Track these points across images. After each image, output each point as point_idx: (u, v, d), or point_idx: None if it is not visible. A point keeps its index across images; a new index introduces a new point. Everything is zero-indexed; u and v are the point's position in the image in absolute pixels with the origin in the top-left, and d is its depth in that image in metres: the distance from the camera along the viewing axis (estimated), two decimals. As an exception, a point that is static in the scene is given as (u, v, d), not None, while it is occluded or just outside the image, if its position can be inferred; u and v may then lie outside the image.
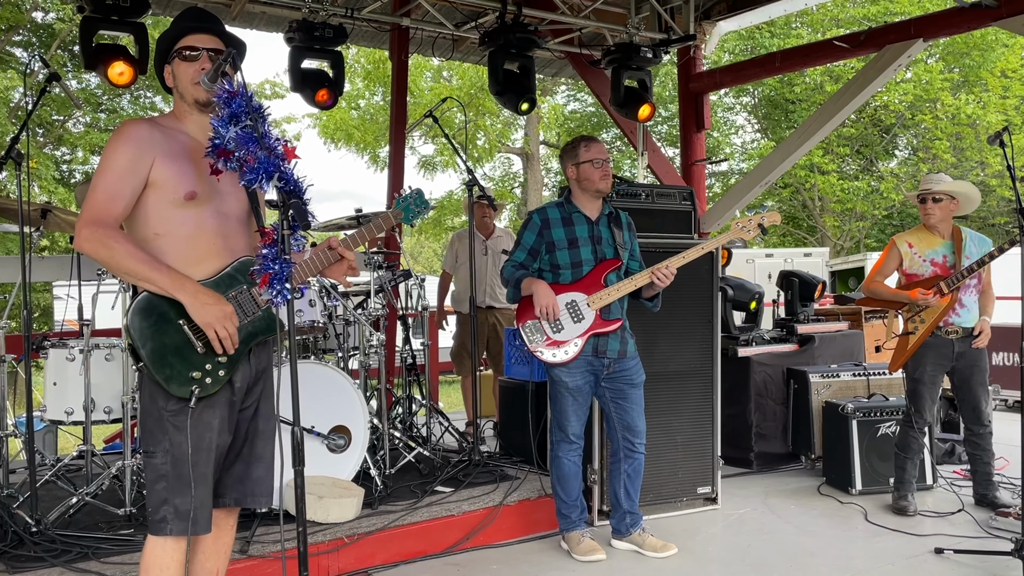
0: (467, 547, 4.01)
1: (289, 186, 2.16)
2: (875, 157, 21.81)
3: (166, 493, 2.35)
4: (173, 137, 2.42)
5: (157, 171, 2.35)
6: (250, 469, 2.55)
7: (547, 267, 3.86)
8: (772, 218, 3.80)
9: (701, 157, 8.05)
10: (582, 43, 7.55)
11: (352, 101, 19.76)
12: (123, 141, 2.35)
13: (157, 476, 2.36)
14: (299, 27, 5.84)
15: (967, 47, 19.02)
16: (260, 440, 2.57)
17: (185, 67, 2.45)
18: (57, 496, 3.96)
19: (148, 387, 2.38)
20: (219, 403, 2.41)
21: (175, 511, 2.35)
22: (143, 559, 2.41)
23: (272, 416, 2.62)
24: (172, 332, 2.34)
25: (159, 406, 2.36)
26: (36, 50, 16.53)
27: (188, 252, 2.39)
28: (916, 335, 4.49)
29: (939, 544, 3.93)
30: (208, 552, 2.60)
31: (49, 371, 4.24)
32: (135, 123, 2.42)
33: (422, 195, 2.86)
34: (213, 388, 2.38)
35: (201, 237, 2.41)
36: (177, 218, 2.38)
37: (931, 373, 4.48)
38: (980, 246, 4.48)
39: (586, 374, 3.81)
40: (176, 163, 2.38)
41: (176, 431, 2.34)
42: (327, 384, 4.17)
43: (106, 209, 2.31)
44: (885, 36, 6.54)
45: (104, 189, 2.33)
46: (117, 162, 2.34)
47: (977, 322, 4.46)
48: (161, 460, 2.36)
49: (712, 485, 4.65)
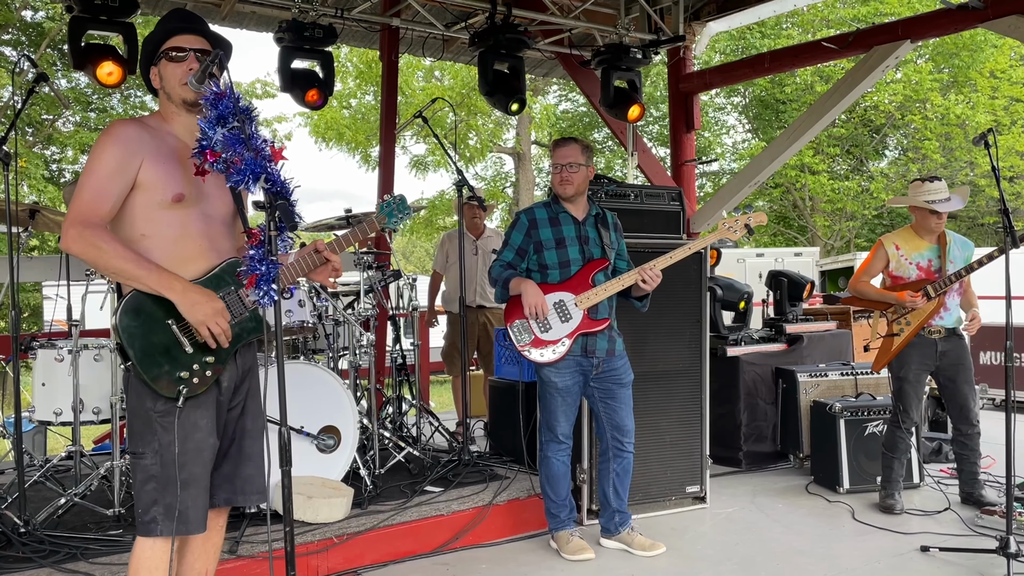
0: (456, 547, 4.02)
1: (276, 187, 2.17)
2: (865, 157, 21.92)
3: (156, 494, 2.35)
4: (161, 139, 2.43)
5: (145, 173, 2.36)
6: (239, 468, 2.56)
7: (535, 267, 3.87)
8: (758, 218, 3.83)
9: (691, 157, 8.08)
10: (572, 44, 7.57)
11: (344, 100, 19.73)
12: (112, 141, 2.35)
13: (147, 477, 2.36)
14: (289, 27, 5.84)
15: (956, 48, 19.12)
16: (248, 439, 2.58)
17: (172, 68, 2.45)
18: (46, 497, 3.96)
19: (135, 388, 2.38)
20: (206, 403, 2.42)
21: (164, 511, 2.35)
22: (132, 560, 2.41)
23: (260, 415, 2.62)
24: (160, 332, 2.35)
25: (147, 407, 2.36)
26: (25, 49, 16.44)
27: (175, 253, 2.39)
28: (901, 336, 4.54)
29: (925, 542, 3.97)
30: (197, 552, 2.60)
31: (38, 372, 4.24)
32: (124, 123, 2.42)
33: (405, 201, 2.87)
34: (200, 388, 2.38)
35: (187, 239, 2.41)
36: (164, 220, 2.38)
37: (916, 372, 4.53)
38: (964, 249, 4.54)
39: (575, 374, 3.83)
40: (164, 165, 2.38)
41: (165, 432, 2.34)
42: (316, 384, 4.17)
43: (93, 209, 2.31)
44: (873, 37, 6.57)
45: (92, 189, 2.32)
46: (105, 162, 2.33)
47: (961, 319, 4.54)
48: (151, 461, 2.36)
49: (701, 484, 4.67)
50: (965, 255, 4.51)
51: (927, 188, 4.51)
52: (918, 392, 4.55)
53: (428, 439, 5.45)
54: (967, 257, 4.50)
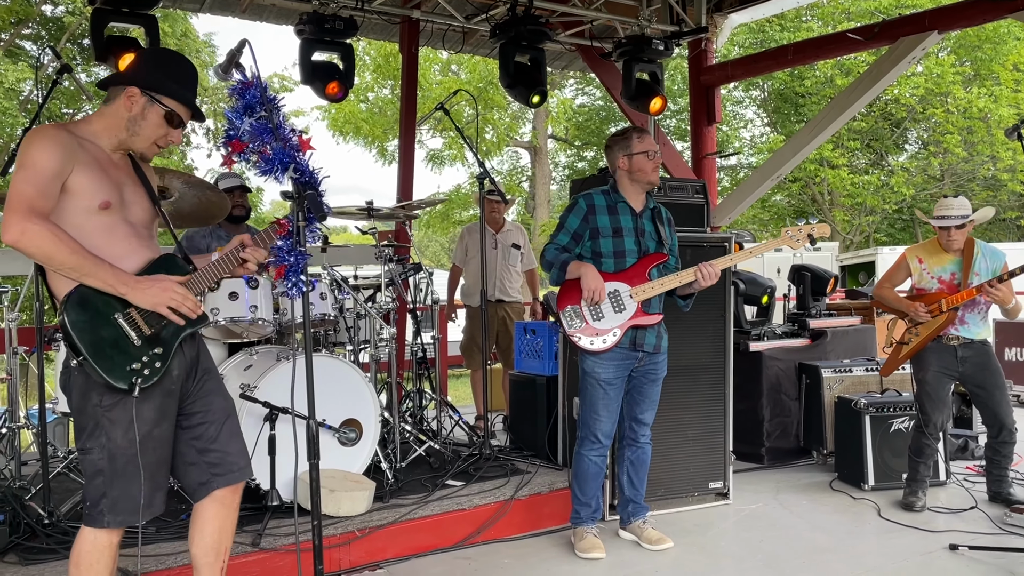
0: (478, 541, 4.01)
1: (304, 177, 2.15)
2: (885, 151, 21.71)
3: (104, 487, 2.39)
4: (86, 148, 2.42)
5: (75, 179, 2.36)
6: (230, 445, 2.62)
7: (588, 253, 3.81)
8: (821, 229, 3.75)
9: (712, 150, 8.01)
10: (592, 36, 7.52)
11: (361, 94, 19.75)
12: (51, 144, 2.33)
13: (94, 471, 2.40)
14: (309, 19, 5.82)
15: (979, 40, 18.89)
16: (229, 420, 2.64)
17: (160, 123, 2.47)
18: (69, 488, 3.97)
19: (79, 385, 2.40)
20: (155, 394, 2.44)
21: (112, 504, 2.39)
22: (73, 552, 2.44)
23: (224, 392, 2.68)
24: (108, 326, 2.37)
25: (92, 403, 2.38)
26: (45, 43, 16.55)
27: (106, 254, 2.40)
28: (909, 346, 4.55)
29: (953, 541, 3.91)
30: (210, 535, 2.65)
31: (61, 364, 4.24)
32: (57, 128, 2.39)
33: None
34: (153, 378, 2.41)
35: (116, 240, 2.44)
36: (90, 225, 2.39)
37: (935, 375, 4.47)
38: (992, 261, 4.45)
39: (620, 367, 3.77)
40: (92, 172, 2.39)
41: (112, 425, 2.38)
42: (339, 377, 4.16)
43: (41, 206, 2.30)
44: (899, 28, 6.48)
45: (36, 186, 2.29)
46: (47, 163, 2.31)
47: (983, 335, 4.49)
48: (98, 456, 2.39)
49: (724, 480, 4.63)
50: (993, 267, 4.43)
51: (940, 203, 4.50)
52: (940, 396, 4.48)
53: (448, 433, 5.44)
54: (994, 269, 4.42)
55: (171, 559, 3.23)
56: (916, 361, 4.56)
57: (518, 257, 6.35)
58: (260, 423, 3.71)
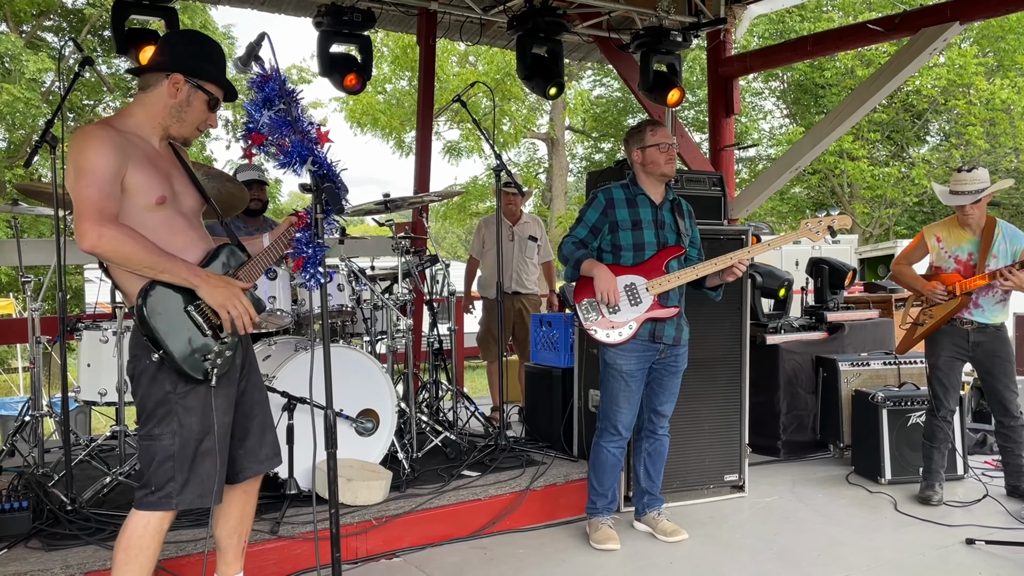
0: (493, 531, 4.03)
1: (323, 170, 2.17)
2: (906, 143, 21.48)
3: (173, 471, 2.44)
4: (134, 143, 2.43)
5: (131, 177, 2.38)
6: (264, 437, 2.70)
7: (607, 247, 3.81)
8: (842, 221, 3.69)
9: (730, 142, 7.97)
10: (610, 27, 7.49)
11: (379, 86, 19.78)
12: (104, 144, 2.34)
13: (165, 457, 2.44)
14: (328, 11, 5.84)
15: (1002, 31, 18.63)
16: (261, 410, 2.71)
17: (204, 108, 2.49)
18: (91, 475, 4.02)
19: (151, 372, 2.44)
20: (224, 383, 2.50)
21: (180, 487, 2.44)
22: (125, 534, 2.48)
23: (262, 385, 2.77)
24: (182, 318, 2.43)
25: (166, 390, 2.43)
26: (67, 35, 16.68)
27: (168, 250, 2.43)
28: (924, 327, 4.51)
29: (970, 535, 3.89)
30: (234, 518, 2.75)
31: (83, 353, 4.30)
32: (106, 128, 2.40)
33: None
34: (225, 367, 2.47)
35: (176, 234, 2.47)
36: (151, 222, 2.42)
37: (946, 359, 4.45)
38: (1012, 243, 4.36)
39: (640, 359, 3.77)
40: (145, 168, 2.41)
41: (186, 412, 2.43)
42: (356, 368, 4.18)
43: (109, 208, 2.33)
44: (920, 19, 6.42)
45: (100, 189, 2.31)
46: (104, 165, 2.32)
47: (999, 320, 4.42)
48: (169, 442, 2.44)
49: (739, 473, 4.63)
50: (1013, 250, 4.34)
51: (955, 178, 4.38)
52: (951, 380, 4.46)
53: (464, 424, 5.46)
54: (1015, 252, 4.33)
55: (191, 546, 3.28)
56: (929, 344, 4.53)
57: (535, 249, 6.36)
58: (279, 413, 3.74)
